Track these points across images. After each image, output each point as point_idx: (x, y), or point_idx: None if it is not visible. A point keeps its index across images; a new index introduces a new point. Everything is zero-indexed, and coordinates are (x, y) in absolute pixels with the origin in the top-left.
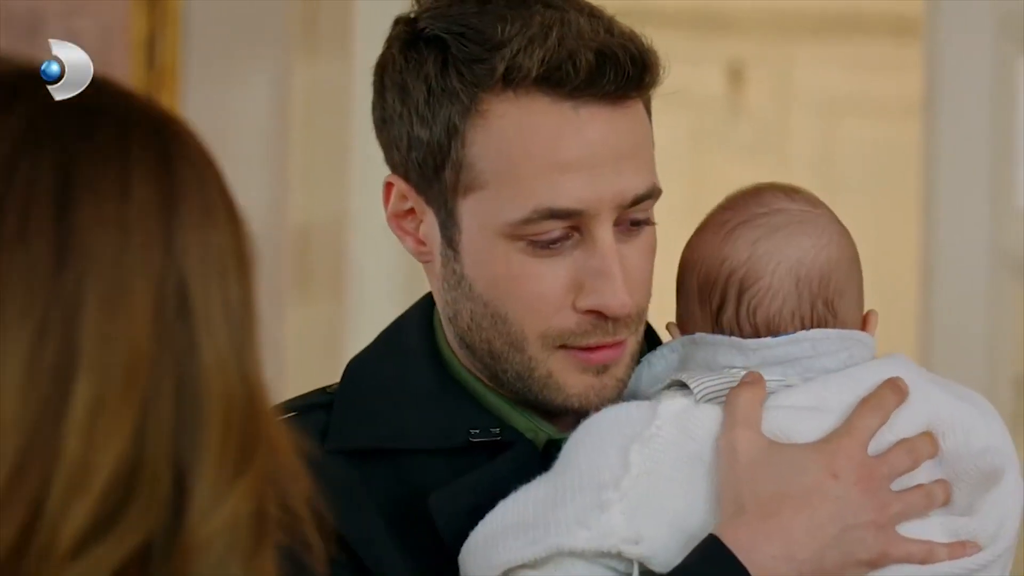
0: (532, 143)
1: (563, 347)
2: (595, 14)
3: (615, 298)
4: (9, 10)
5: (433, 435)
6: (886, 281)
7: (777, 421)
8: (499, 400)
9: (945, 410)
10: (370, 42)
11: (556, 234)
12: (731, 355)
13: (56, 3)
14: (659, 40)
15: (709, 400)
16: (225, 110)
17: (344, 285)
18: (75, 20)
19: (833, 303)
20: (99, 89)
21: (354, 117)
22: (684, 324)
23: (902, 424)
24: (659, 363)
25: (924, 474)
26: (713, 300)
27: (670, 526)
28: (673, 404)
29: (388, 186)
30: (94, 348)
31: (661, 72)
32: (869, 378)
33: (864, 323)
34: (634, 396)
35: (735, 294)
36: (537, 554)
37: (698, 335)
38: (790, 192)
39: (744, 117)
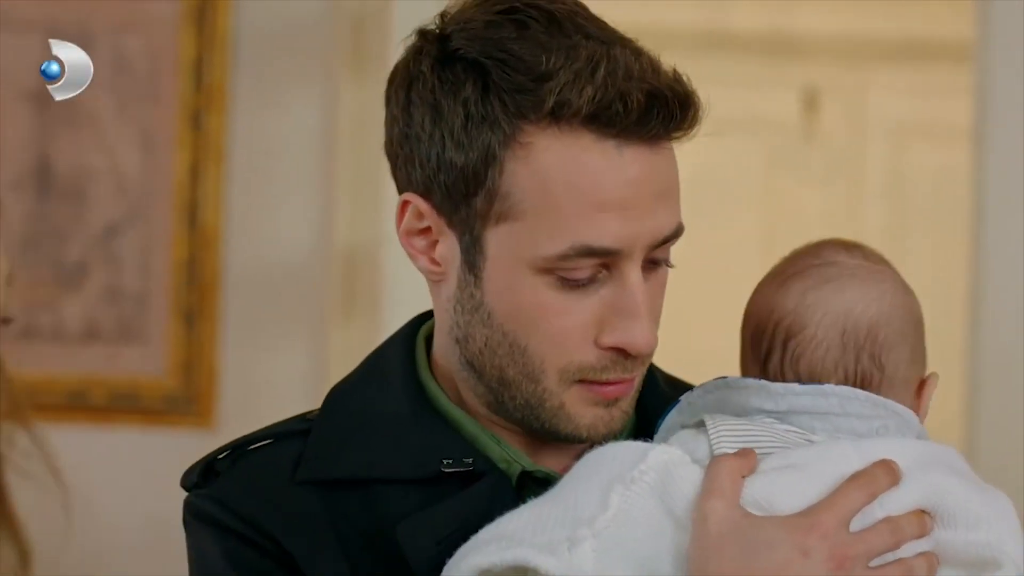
0: (575, 180)
1: (580, 381)
2: (637, 50)
3: (642, 336)
4: (59, 29)
5: (405, 465)
6: (936, 307)
7: (761, 489)
8: (477, 428)
9: (950, 498)
10: None
11: (587, 273)
12: (761, 399)
13: (105, 23)
14: (734, 66)
15: (725, 444)
16: (273, 131)
17: (383, 308)
18: (124, 39)
19: (880, 357)
20: None
21: None
22: (745, 374)
23: (892, 503)
24: (697, 402)
25: (914, 549)
26: (762, 348)
27: (636, 573)
28: (665, 453)
29: (404, 203)
30: None
31: (702, 115)
32: (874, 454)
33: (921, 385)
34: (666, 432)
35: (781, 342)
36: (504, 560)
37: (731, 378)
38: (850, 247)
39: (818, 143)
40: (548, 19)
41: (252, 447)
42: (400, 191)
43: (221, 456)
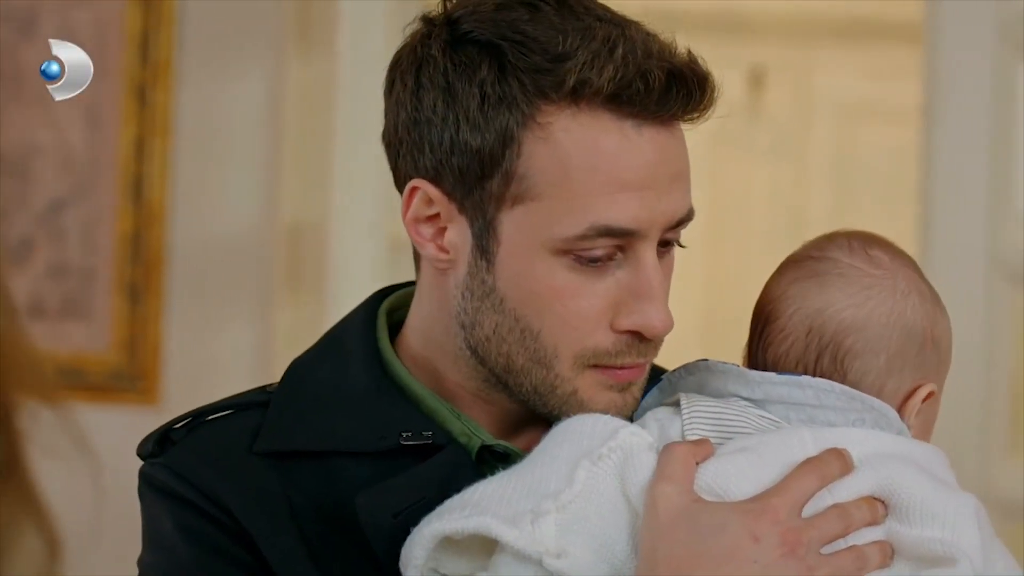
0: (594, 160)
1: (593, 366)
2: (650, 31)
3: (659, 319)
4: (6, 4)
5: (364, 438)
6: None
7: (714, 476)
8: (437, 403)
9: (904, 492)
10: (355, 42)
11: (602, 252)
12: (738, 385)
13: None
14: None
15: (697, 426)
16: (219, 106)
17: (329, 284)
18: (71, 14)
19: (843, 361)
20: None
21: (346, 115)
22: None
23: (843, 490)
24: (678, 382)
25: (869, 538)
26: (750, 332)
27: (595, 552)
28: (634, 435)
29: (413, 190)
30: None
31: (718, 96)
32: (830, 443)
33: (908, 396)
34: (643, 409)
35: (759, 329)
36: (467, 527)
37: (711, 361)
38: (856, 248)
39: (764, 121)
40: (558, 2)
41: (210, 417)
42: (402, 179)
43: (178, 425)
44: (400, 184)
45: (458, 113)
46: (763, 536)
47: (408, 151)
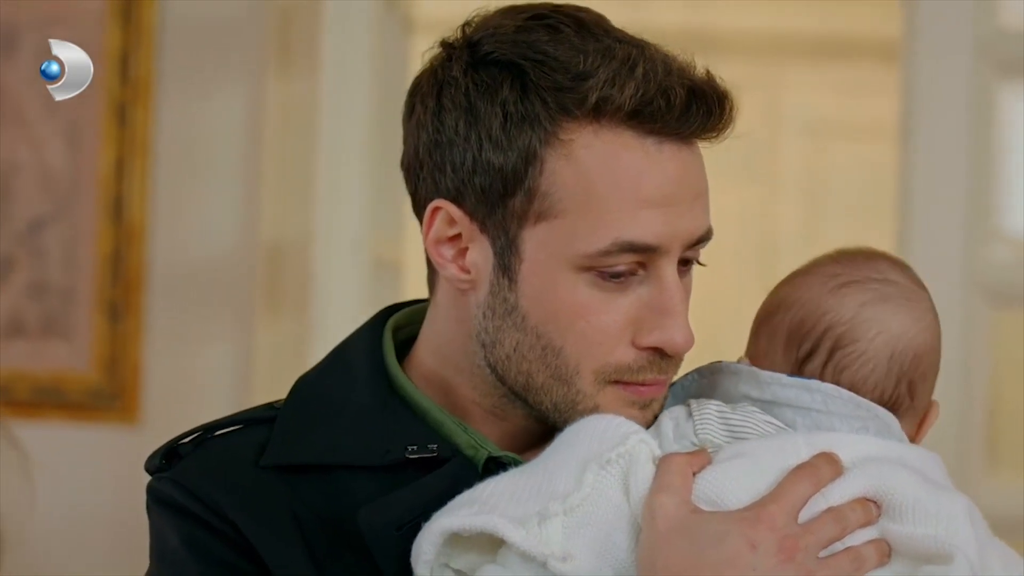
0: (617, 177)
1: (615, 382)
2: (668, 52)
3: (680, 335)
4: None
5: (370, 451)
6: None
7: (711, 485)
8: (443, 416)
9: (897, 492)
10: (338, 59)
11: (624, 268)
12: (749, 386)
13: (32, 16)
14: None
15: (708, 426)
16: (198, 126)
17: (311, 303)
18: (50, 33)
19: (915, 386)
20: None
21: (327, 133)
22: (758, 360)
23: (836, 493)
24: (691, 386)
25: (864, 538)
26: (802, 347)
27: (599, 556)
28: (643, 443)
29: (435, 211)
30: None
31: (736, 115)
32: (823, 447)
33: (926, 413)
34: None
35: (828, 349)
36: (474, 525)
37: (723, 363)
38: (902, 267)
39: (734, 140)
40: (577, 24)
41: (217, 433)
42: (422, 203)
43: (185, 440)
44: (419, 208)
45: (480, 132)
46: (761, 544)
47: (429, 173)
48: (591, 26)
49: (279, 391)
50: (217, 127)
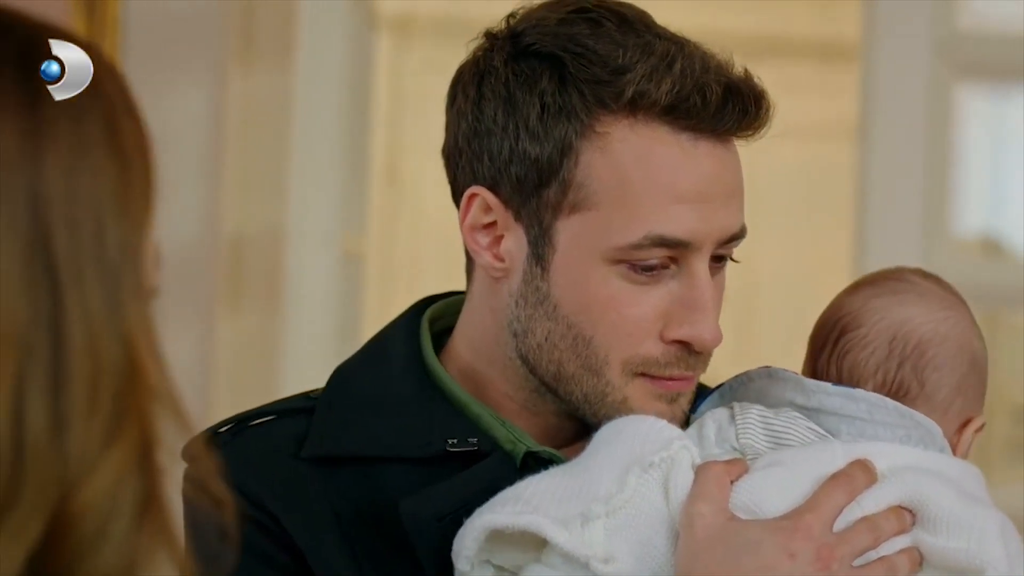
0: (651, 171)
1: (642, 375)
2: (707, 50)
3: (708, 331)
4: None
5: (410, 444)
6: (816, 305)
7: (748, 493)
8: (482, 410)
9: (932, 503)
10: (310, 54)
11: (656, 261)
12: (794, 393)
13: None
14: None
15: (750, 431)
16: (161, 120)
17: (279, 297)
18: None
19: (923, 372)
20: None
21: (293, 128)
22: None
23: (871, 501)
24: (739, 389)
25: (898, 546)
26: (817, 345)
27: (639, 559)
28: (685, 449)
29: (471, 197)
30: None
31: (772, 115)
32: (860, 456)
33: (964, 424)
34: (699, 413)
35: (834, 338)
36: (517, 524)
37: (774, 368)
38: (931, 277)
39: None
40: (620, 19)
41: (254, 423)
42: (461, 190)
43: (222, 430)
44: (457, 195)
45: (518, 122)
46: (798, 553)
47: (467, 161)
48: (633, 21)
49: (242, 385)
50: (181, 121)
